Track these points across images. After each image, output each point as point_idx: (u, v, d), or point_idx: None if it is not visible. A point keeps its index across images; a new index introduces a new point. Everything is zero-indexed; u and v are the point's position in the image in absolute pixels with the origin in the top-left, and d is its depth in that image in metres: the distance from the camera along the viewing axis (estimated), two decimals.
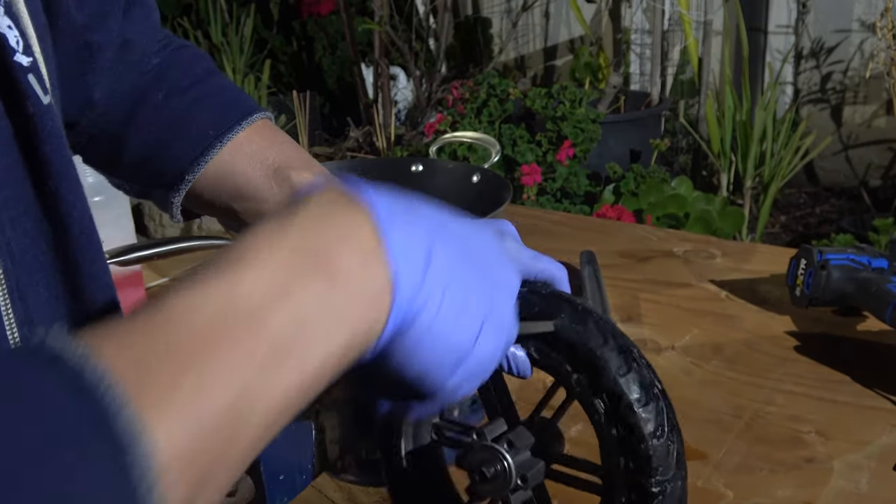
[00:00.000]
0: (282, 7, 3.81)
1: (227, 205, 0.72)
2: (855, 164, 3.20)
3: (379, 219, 0.38)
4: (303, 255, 0.36)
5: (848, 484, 0.76)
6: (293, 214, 0.37)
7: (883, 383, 0.89)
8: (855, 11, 3.06)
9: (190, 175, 0.70)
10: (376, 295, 0.37)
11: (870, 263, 0.95)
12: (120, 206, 1.09)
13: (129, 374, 0.30)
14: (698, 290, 1.12)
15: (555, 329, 0.58)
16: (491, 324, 0.43)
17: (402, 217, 0.39)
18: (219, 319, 0.33)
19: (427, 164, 1.26)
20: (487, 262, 0.44)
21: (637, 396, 0.56)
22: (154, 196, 0.74)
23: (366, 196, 0.38)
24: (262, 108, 0.73)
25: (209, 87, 0.72)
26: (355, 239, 0.37)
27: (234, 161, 0.70)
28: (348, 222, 0.37)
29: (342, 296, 0.36)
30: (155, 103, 0.70)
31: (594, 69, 3.32)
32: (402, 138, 3.03)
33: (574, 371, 0.57)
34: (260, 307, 0.34)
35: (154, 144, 0.70)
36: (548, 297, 0.59)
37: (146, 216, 3.21)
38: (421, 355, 0.40)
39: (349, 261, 0.36)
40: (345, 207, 0.38)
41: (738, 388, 0.90)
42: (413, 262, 0.38)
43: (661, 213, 2.37)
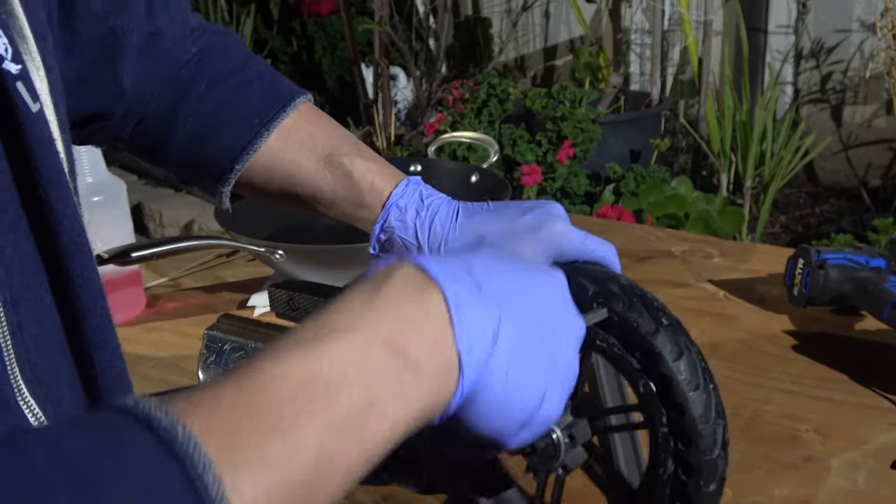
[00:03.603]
0: (282, 7, 3.81)
1: (279, 191, 0.74)
2: (855, 164, 3.20)
3: (449, 304, 0.41)
4: (377, 341, 0.39)
5: (846, 482, 0.76)
6: (372, 298, 0.41)
7: (881, 382, 0.89)
8: (855, 11, 3.06)
9: (238, 165, 0.71)
10: (444, 377, 0.41)
11: (868, 263, 0.95)
12: (119, 207, 1.09)
13: (216, 442, 0.33)
14: (697, 289, 1.12)
15: (608, 316, 0.59)
16: (554, 384, 0.46)
17: (470, 300, 0.42)
18: (301, 392, 0.36)
19: (426, 164, 1.26)
20: (551, 322, 0.47)
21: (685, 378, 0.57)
22: (202, 185, 0.75)
23: (437, 278, 0.42)
24: (302, 91, 0.74)
25: (250, 73, 0.73)
26: (426, 327, 0.41)
27: (284, 149, 0.71)
28: (420, 311, 0.41)
29: (411, 379, 0.39)
30: (199, 93, 0.71)
31: (594, 69, 3.32)
32: (402, 138, 3.04)
33: (629, 353, 0.59)
34: (337, 385, 0.37)
35: (201, 134, 0.71)
36: (600, 279, 0.60)
37: (146, 216, 3.21)
38: (487, 422, 0.43)
39: (419, 348, 0.40)
40: (418, 294, 0.41)
41: (736, 388, 0.91)
42: (479, 345, 0.41)
43: (661, 213, 2.37)
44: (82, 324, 0.50)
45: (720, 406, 0.58)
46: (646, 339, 0.58)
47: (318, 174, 0.72)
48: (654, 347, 0.57)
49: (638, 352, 0.58)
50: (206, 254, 1.28)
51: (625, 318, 0.58)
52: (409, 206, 0.70)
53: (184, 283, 1.22)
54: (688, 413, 0.57)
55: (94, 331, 0.50)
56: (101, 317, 0.51)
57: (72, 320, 0.50)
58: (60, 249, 0.48)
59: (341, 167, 0.71)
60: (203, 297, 1.17)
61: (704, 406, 0.57)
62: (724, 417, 0.59)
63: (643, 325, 0.58)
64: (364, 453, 0.38)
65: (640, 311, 0.58)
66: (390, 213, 0.71)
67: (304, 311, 0.73)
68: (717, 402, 0.58)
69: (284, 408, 0.36)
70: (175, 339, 1.07)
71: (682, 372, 0.57)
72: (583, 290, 0.60)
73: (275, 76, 0.75)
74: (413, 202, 0.70)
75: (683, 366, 0.57)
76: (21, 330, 0.46)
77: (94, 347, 0.50)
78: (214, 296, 1.18)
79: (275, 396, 0.36)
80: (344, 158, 0.71)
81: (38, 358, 0.47)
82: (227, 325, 0.78)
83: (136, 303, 1.14)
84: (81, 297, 0.49)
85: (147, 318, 1.13)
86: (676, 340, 0.58)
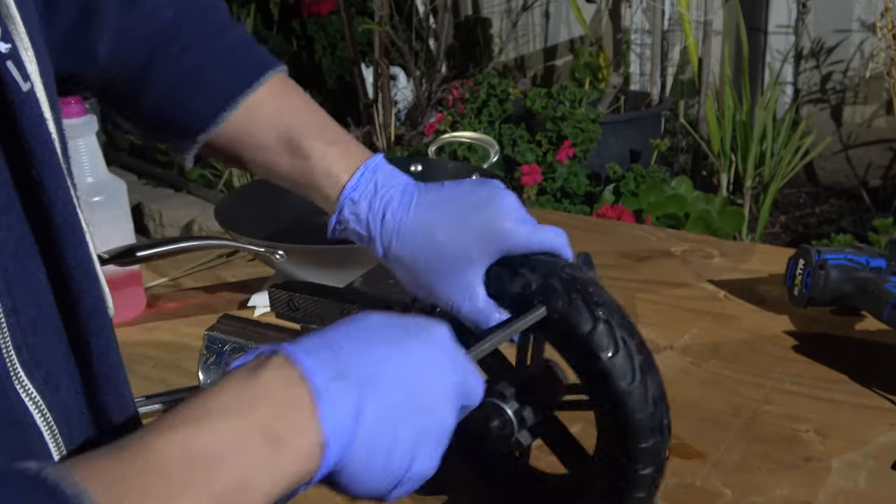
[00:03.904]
0: (282, 7, 3.81)
1: (239, 162, 0.73)
2: (855, 164, 3.20)
3: (314, 389, 0.45)
4: (253, 425, 0.44)
5: (846, 483, 0.76)
6: (248, 385, 0.45)
7: (881, 382, 0.89)
8: (855, 11, 3.06)
9: (201, 135, 0.70)
10: (311, 455, 0.45)
11: (868, 263, 0.95)
12: (120, 207, 1.09)
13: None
14: (697, 289, 1.12)
15: (547, 314, 0.62)
16: (426, 445, 0.49)
17: (334, 387, 0.46)
18: (185, 469, 0.41)
19: (426, 164, 1.26)
20: (422, 387, 0.50)
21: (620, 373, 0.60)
22: (169, 144, 0.74)
23: (305, 370, 0.45)
24: (275, 63, 0.72)
25: (223, 42, 0.71)
26: (295, 414, 0.45)
27: (247, 125, 0.70)
28: (290, 400, 0.45)
29: (282, 460, 0.44)
30: (169, 57, 0.69)
31: (594, 69, 3.32)
32: (402, 138, 3.04)
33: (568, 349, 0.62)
34: (217, 464, 0.42)
35: (167, 100, 0.70)
36: (542, 274, 0.63)
37: (146, 216, 3.21)
38: (356, 487, 0.48)
39: (288, 433, 0.44)
40: (288, 385, 0.45)
41: (736, 388, 0.91)
42: (342, 428, 0.45)
43: (661, 213, 2.37)
44: (77, 307, 0.50)
45: (659, 394, 0.61)
46: (583, 338, 0.60)
47: (278, 157, 0.71)
48: (590, 346, 0.60)
49: (576, 349, 0.61)
50: (206, 254, 1.28)
51: (564, 315, 0.61)
52: (362, 198, 0.69)
53: (184, 283, 1.22)
54: (621, 405, 0.60)
55: (89, 315, 0.50)
56: (96, 301, 0.51)
57: (67, 304, 0.50)
58: (54, 231, 0.48)
59: (300, 151, 0.70)
60: (203, 297, 1.17)
61: (639, 398, 0.60)
62: (664, 403, 0.62)
63: (581, 323, 0.61)
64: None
65: (578, 309, 0.61)
66: (344, 207, 0.69)
67: (304, 312, 0.73)
68: (655, 392, 0.61)
69: (171, 482, 0.40)
70: (175, 339, 1.07)
71: (617, 367, 0.60)
72: (525, 286, 0.63)
73: (250, 47, 0.73)
74: (366, 193, 0.69)
75: (619, 361, 0.60)
76: (16, 313, 0.46)
77: (90, 332, 0.50)
78: (214, 296, 1.18)
79: (163, 472, 0.40)
80: (304, 141, 0.70)
81: (36, 341, 0.47)
82: (228, 326, 0.78)
83: (136, 303, 1.14)
84: (77, 279, 0.49)
85: (147, 318, 1.13)
86: (613, 336, 0.60)
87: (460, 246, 0.65)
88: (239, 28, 0.74)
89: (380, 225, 0.68)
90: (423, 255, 0.66)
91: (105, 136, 3.60)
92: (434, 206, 0.67)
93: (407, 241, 0.67)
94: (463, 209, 0.66)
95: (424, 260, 0.66)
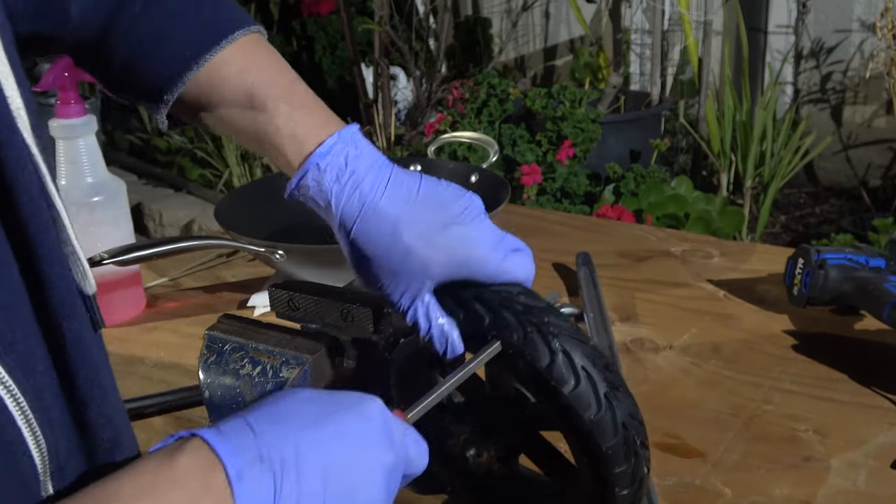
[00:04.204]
0: (282, 7, 3.82)
1: (212, 126, 0.71)
2: (855, 164, 3.20)
3: (230, 477, 0.45)
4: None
5: (846, 482, 0.76)
6: (160, 471, 0.44)
7: (881, 382, 0.89)
8: (855, 11, 3.06)
9: (167, 95, 0.68)
10: None
11: (867, 263, 0.95)
12: (119, 207, 1.09)
13: None
14: (696, 289, 1.12)
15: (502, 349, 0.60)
16: None
17: (251, 474, 0.45)
18: None
19: (426, 164, 1.26)
20: (348, 466, 0.49)
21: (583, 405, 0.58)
22: (140, 104, 0.72)
23: (221, 455, 0.45)
24: (245, 24, 0.69)
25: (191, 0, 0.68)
26: (209, 501, 0.44)
27: (212, 84, 0.67)
28: (203, 488, 0.44)
29: None
30: (132, 14, 0.66)
31: (594, 69, 3.32)
32: (402, 138, 3.04)
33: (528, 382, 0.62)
34: None
35: (133, 59, 0.68)
36: (496, 308, 0.61)
37: (146, 216, 3.21)
38: None
39: None
40: (202, 472, 0.45)
41: (736, 388, 0.91)
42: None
43: (661, 213, 2.37)
44: (47, 291, 0.48)
45: (629, 417, 0.60)
46: (542, 373, 0.59)
47: (242, 116, 0.68)
48: (550, 380, 0.58)
49: (536, 383, 0.60)
50: (206, 254, 1.28)
51: (519, 351, 0.59)
52: (329, 167, 0.65)
53: (184, 283, 1.22)
54: (590, 436, 0.59)
55: (61, 300, 0.49)
56: (66, 285, 0.50)
57: (36, 287, 0.48)
58: (19, 211, 0.47)
59: (265, 110, 0.66)
60: (203, 297, 1.17)
61: (607, 426, 0.58)
62: (636, 423, 0.60)
63: (538, 358, 0.59)
64: None
65: (534, 344, 0.59)
66: (308, 172, 0.65)
67: (304, 311, 0.73)
68: (623, 416, 0.59)
69: None
70: (175, 339, 1.07)
71: (581, 399, 0.58)
72: (478, 320, 0.61)
73: (217, 3, 0.69)
74: (335, 164, 0.65)
75: (581, 393, 0.58)
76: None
77: (62, 316, 0.49)
78: (214, 296, 1.18)
79: None
80: (269, 101, 0.66)
81: (5, 326, 0.46)
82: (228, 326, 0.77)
83: (136, 303, 1.14)
84: (45, 259, 0.48)
85: (147, 318, 1.13)
86: (573, 367, 0.58)
87: (424, 255, 0.62)
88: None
89: (343, 201, 0.64)
90: (382, 248, 0.63)
91: (105, 136, 3.60)
92: (408, 202, 0.64)
93: (369, 229, 0.64)
94: (437, 219, 0.63)
95: (382, 254, 0.64)
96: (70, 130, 1.04)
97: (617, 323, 1.04)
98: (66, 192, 1.06)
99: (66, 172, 1.06)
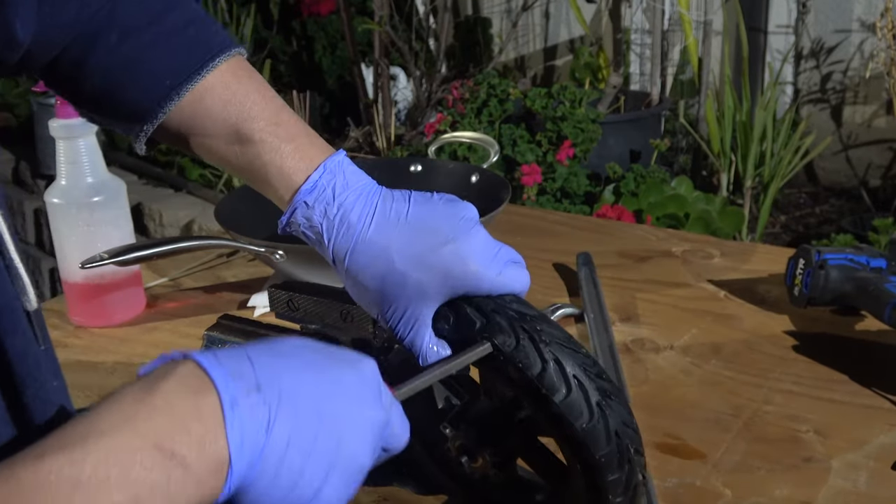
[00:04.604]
0: (282, 7, 3.81)
1: (189, 150, 0.69)
2: (855, 164, 3.20)
3: (223, 404, 0.42)
4: (144, 441, 0.40)
5: (846, 483, 0.76)
6: (144, 397, 0.42)
7: (881, 383, 0.89)
8: (855, 11, 3.06)
9: (147, 125, 0.66)
10: (213, 475, 0.42)
11: (868, 263, 0.95)
12: (119, 207, 1.09)
13: None
14: (697, 289, 1.12)
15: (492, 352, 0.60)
16: (338, 472, 0.47)
17: (246, 400, 0.43)
18: (66, 492, 0.38)
19: (426, 164, 1.26)
20: (339, 415, 0.47)
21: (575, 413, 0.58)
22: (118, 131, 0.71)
23: (215, 379, 0.43)
24: (226, 47, 0.67)
25: (168, 26, 0.65)
26: (196, 428, 0.42)
27: (196, 113, 0.66)
28: (192, 411, 0.42)
29: (179, 477, 0.40)
30: (108, 46, 0.64)
31: (594, 69, 3.32)
32: (402, 138, 3.03)
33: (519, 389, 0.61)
34: (98, 489, 0.38)
35: (109, 90, 0.66)
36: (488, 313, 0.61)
37: (146, 216, 3.21)
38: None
39: (188, 448, 0.41)
40: (192, 395, 0.42)
41: (736, 388, 0.91)
42: (251, 444, 0.43)
43: (661, 213, 2.37)
44: None
45: (623, 425, 0.59)
46: (533, 381, 0.58)
47: (228, 149, 0.66)
48: (542, 388, 0.58)
49: (528, 391, 0.59)
50: (206, 254, 1.28)
51: (510, 357, 0.59)
52: (317, 203, 0.64)
53: (184, 283, 1.22)
54: (582, 445, 0.58)
55: (1, 313, 0.48)
56: (8, 300, 0.49)
57: None
58: None
59: (251, 146, 0.65)
60: (203, 297, 1.17)
61: (600, 435, 0.58)
62: (630, 431, 0.60)
63: (530, 366, 0.58)
64: None
65: (525, 351, 0.59)
66: (297, 210, 0.65)
67: (304, 312, 0.73)
68: (616, 425, 0.59)
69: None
70: (175, 339, 1.07)
71: (572, 408, 0.58)
72: (470, 324, 0.61)
73: (198, 29, 0.67)
74: (322, 199, 0.64)
75: (573, 402, 0.58)
76: None
77: (4, 332, 0.48)
78: (214, 296, 1.18)
79: (41, 497, 0.37)
80: (255, 135, 0.65)
81: None
82: (227, 326, 0.77)
83: (136, 303, 1.14)
84: None
85: (147, 318, 1.13)
86: (564, 376, 0.58)
87: (419, 278, 0.62)
88: (187, 9, 0.67)
89: (334, 236, 0.64)
90: (377, 278, 0.63)
91: (105, 136, 3.60)
92: (396, 228, 0.63)
93: (362, 260, 0.63)
94: (428, 241, 0.62)
95: (378, 284, 0.63)
96: (70, 130, 1.04)
97: (617, 323, 1.04)
98: (67, 192, 1.06)
99: (67, 172, 1.05)
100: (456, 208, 0.64)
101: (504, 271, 0.63)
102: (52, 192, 1.06)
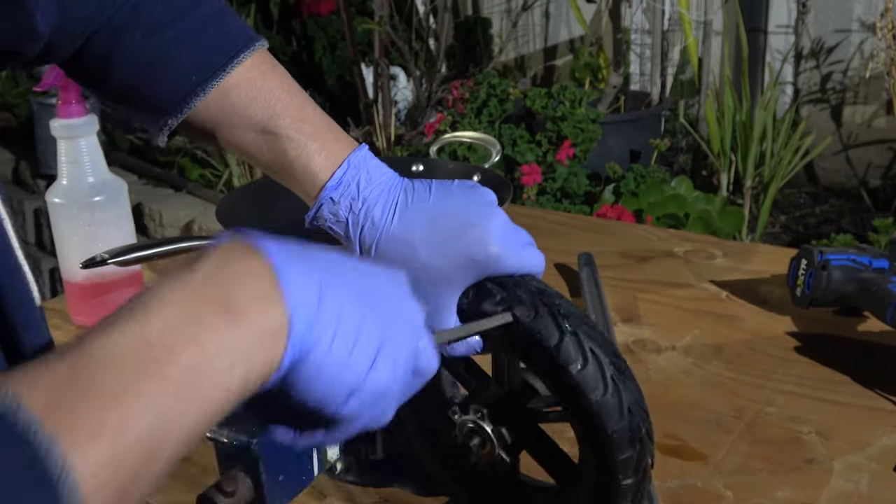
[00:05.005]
0: (282, 7, 3.81)
1: (216, 144, 0.70)
2: (855, 164, 3.20)
3: (275, 265, 0.42)
4: (205, 300, 0.40)
5: (848, 485, 0.76)
6: (198, 264, 0.42)
7: (883, 384, 0.89)
8: (855, 11, 3.06)
9: (172, 120, 0.67)
10: (274, 333, 0.41)
11: (870, 264, 0.95)
12: (120, 207, 1.09)
13: (56, 417, 0.34)
14: (699, 290, 1.12)
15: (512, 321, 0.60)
16: (386, 356, 0.47)
17: (297, 263, 0.43)
18: (132, 357, 0.37)
19: (427, 164, 1.26)
20: (383, 299, 0.48)
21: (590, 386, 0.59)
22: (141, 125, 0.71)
23: (263, 245, 0.43)
24: (250, 42, 0.68)
25: (191, 23, 0.66)
26: (253, 284, 0.42)
27: (223, 109, 0.67)
28: (246, 269, 0.42)
29: (241, 335, 0.40)
30: (133, 42, 0.65)
31: (594, 69, 3.31)
32: (402, 138, 3.03)
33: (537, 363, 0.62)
34: (169, 347, 0.38)
35: (134, 86, 0.67)
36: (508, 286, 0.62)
37: (146, 216, 3.21)
38: (316, 386, 0.44)
39: (247, 304, 0.41)
40: (244, 256, 0.43)
41: (738, 389, 0.90)
42: (306, 302, 0.43)
43: (661, 213, 2.37)
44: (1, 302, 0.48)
45: (635, 403, 0.60)
46: (550, 351, 0.59)
47: (255, 146, 0.67)
48: (558, 359, 0.59)
49: (544, 363, 0.60)
50: None
51: (529, 328, 0.60)
52: (342, 198, 0.66)
53: None
54: (595, 418, 0.59)
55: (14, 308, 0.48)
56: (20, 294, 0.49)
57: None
58: None
59: (277, 143, 0.66)
60: None
61: (613, 409, 0.59)
62: (641, 411, 0.60)
63: (547, 337, 0.59)
64: (203, 412, 0.39)
65: (544, 322, 0.59)
66: (323, 206, 0.66)
67: None
68: (630, 402, 0.59)
69: (119, 376, 0.37)
70: None
71: (587, 379, 0.58)
72: (490, 295, 0.62)
73: (221, 25, 0.68)
74: (347, 194, 0.66)
75: (588, 374, 0.58)
76: None
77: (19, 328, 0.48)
78: None
79: (109, 366, 0.37)
80: (281, 132, 0.66)
81: None
82: None
83: None
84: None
85: None
86: (581, 347, 0.59)
87: (442, 266, 0.63)
88: (209, 5, 0.68)
89: (360, 230, 0.65)
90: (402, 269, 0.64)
91: (105, 136, 3.60)
92: (419, 219, 0.64)
93: (387, 252, 0.65)
94: (449, 228, 0.63)
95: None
96: (71, 130, 1.04)
97: (619, 323, 1.04)
98: (68, 192, 1.06)
99: (68, 172, 1.05)
100: (476, 194, 0.65)
101: (524, 248, 0.64)
102: (53, 192, 1.06)
